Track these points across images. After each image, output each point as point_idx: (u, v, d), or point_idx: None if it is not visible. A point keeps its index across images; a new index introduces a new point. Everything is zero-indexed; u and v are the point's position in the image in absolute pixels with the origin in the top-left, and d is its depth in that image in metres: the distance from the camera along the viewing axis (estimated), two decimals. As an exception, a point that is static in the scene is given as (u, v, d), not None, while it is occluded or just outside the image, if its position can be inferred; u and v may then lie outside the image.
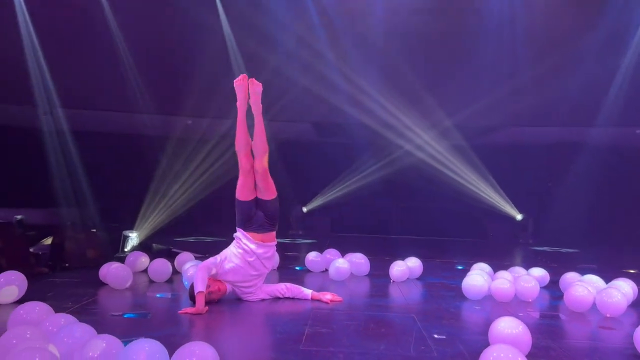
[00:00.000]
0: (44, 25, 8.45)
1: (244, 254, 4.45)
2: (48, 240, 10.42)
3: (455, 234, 11.17)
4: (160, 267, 5.39)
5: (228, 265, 4.42)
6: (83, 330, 2.76)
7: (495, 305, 4.70)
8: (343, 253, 6.32)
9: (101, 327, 3.11)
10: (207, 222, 9.76)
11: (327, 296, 4.60)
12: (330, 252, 6.40)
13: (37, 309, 3.22)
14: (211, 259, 4.49)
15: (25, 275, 4.55)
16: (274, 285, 4.73)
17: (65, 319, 3.06)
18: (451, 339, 3.56)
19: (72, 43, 8.80)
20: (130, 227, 9.39)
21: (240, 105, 4.54)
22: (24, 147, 9.40)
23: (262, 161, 4.45)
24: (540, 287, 5.30)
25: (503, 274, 5.35)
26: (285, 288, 4.68)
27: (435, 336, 3.63)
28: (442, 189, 11.04)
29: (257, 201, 4.55)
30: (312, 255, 6.38)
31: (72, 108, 9.12)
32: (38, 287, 4.89)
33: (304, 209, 11.73)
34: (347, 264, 5.75)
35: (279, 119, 10.36)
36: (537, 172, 11.41)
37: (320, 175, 11.58)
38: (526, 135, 11.17)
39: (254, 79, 4.54)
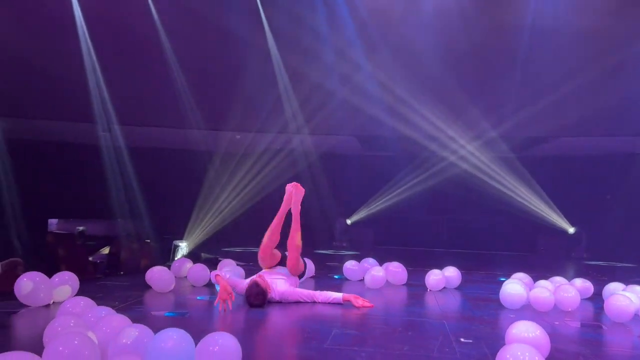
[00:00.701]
0: (104, 48, 9.03)
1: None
2: (106, 250, 11.06)
3: (502, 247, 10.91)
4: (199, 272, 5.64)
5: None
6: (119, 320, 2.98)
7: (532, 314, 4.61)
8: (382, 263, 6.36)
9: (142, 324, 3.34)
10: (252, 233, 10.02)
11: (359, 301, 4.66)
12: (368, 261, 6.48)
13: (82, 303, 3.51)
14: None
15: (81, 279, 4.92)
16: (310, 291, 4.84)
17: (105, 311, 3.30)
18: (477, 343, 3.56)
19: (129, 64, 9.35)
20: (181, 237, 9.83)
21: (285, 207, 5.16)
22: (86, 163, 10.01)
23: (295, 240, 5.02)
24: (585, 299, 5.18)
25: (543, 283, 5.25)
26: (319, 294, 4.79)
27: (462, 340, 3.63)
28: (488, 201, 10.83)
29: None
30: (349, 264, 6.47)
31: (128, 125, 9.66)
32: (90, 288, 5.23)
33: (348, 221, 11.81)
34: (382, 272, 5.80)
35: (321, 132, 10.57)
36: (590, 184, 11.00)
37: (364, 188, 11.64)
38: (577, 146, 10.81)
39: (299, 184, 5.16)
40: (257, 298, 4.51)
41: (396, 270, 6.12)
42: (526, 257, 10.65)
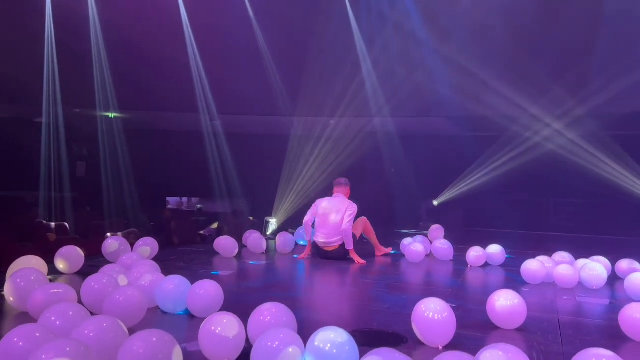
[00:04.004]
0: (205, 47, 10.24)
1: None
2: (215, 225, 12.55)
3: (602, 230, 10.27)
4: (255, 241, 6.47)
5: None
6: (147, 269, 3.86)
7: (547, 289, 4.70)
8: (462, 244, 6.69)
9: (187, 277, 4.22)
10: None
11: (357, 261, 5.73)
12: (417, 239, 6.82)
13: (135, 257, 4.47)
14: None
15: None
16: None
17: (150, 263, 4.23)
18: (458, 307, 3.86)
19: (228, 59, 10.48)
20: (270, 214, 10.87)
21: None
22: (193, 149, 11.41)
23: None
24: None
25: (581, 262, 5.23)
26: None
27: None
28: (583, 182, 10.26)
29: None
30: (405, 241, 6.83)
31: (225, 114, 10.85)
32: (169, 252, 6.36)
33: (435, 202, 11.94)
34: (421, 247, 6.12)
35: (405, 115, 10.82)
36: None
37: (452, 169, 11.65)
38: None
39: None
40: None
41: (442, 247, 6.40)
42: (623, 241, 9.93)
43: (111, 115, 11.06)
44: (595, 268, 4.83)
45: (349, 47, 10.36)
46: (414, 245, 6.14)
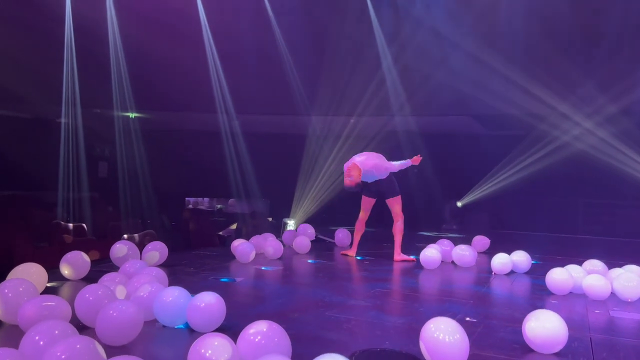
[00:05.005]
0: (223, 47, 10.13)
1: None
2: (234, 226, 12.40)
3: (631, 234, 9.78)
4: (271, 246, 6.26)
5: None
6: (147, 279, 3.68)
7: (577, 301, 4.36)
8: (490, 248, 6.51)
9: (194, 285, 4.05)
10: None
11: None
12: (444, 243, 6.51)
13: (138, 265, 4.31)
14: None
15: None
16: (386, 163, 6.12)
17: (156, 271, 4.05)
18: (478, 323, 3.57)
19: (246, 58, 10.34)
20: (288, 216, 10.68)
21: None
22: (212, 149, 11.31)
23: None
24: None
25: (615, 272, 4.86)
26: (393, 164, 6.19)
27: (467, 319, 3.67)
28: (616, 183, 9.78)
29: None
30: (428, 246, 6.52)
31: (243, 114, 10.71)
32: (181, 255, 6.20)
33: (459, 204, 11.57)
34: (437, 253, 5.81)
35: (430, 113, 10.50)
36: None
37: (477, 169, 11.27)
38: None
39: None
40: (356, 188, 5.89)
41: (463, 253, 6.08)
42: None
43: (131, 115, 11.04)
44: (630, 278, 4.46)
45: (369, 44, 10.12)
46: (428, 250, 5.84)
